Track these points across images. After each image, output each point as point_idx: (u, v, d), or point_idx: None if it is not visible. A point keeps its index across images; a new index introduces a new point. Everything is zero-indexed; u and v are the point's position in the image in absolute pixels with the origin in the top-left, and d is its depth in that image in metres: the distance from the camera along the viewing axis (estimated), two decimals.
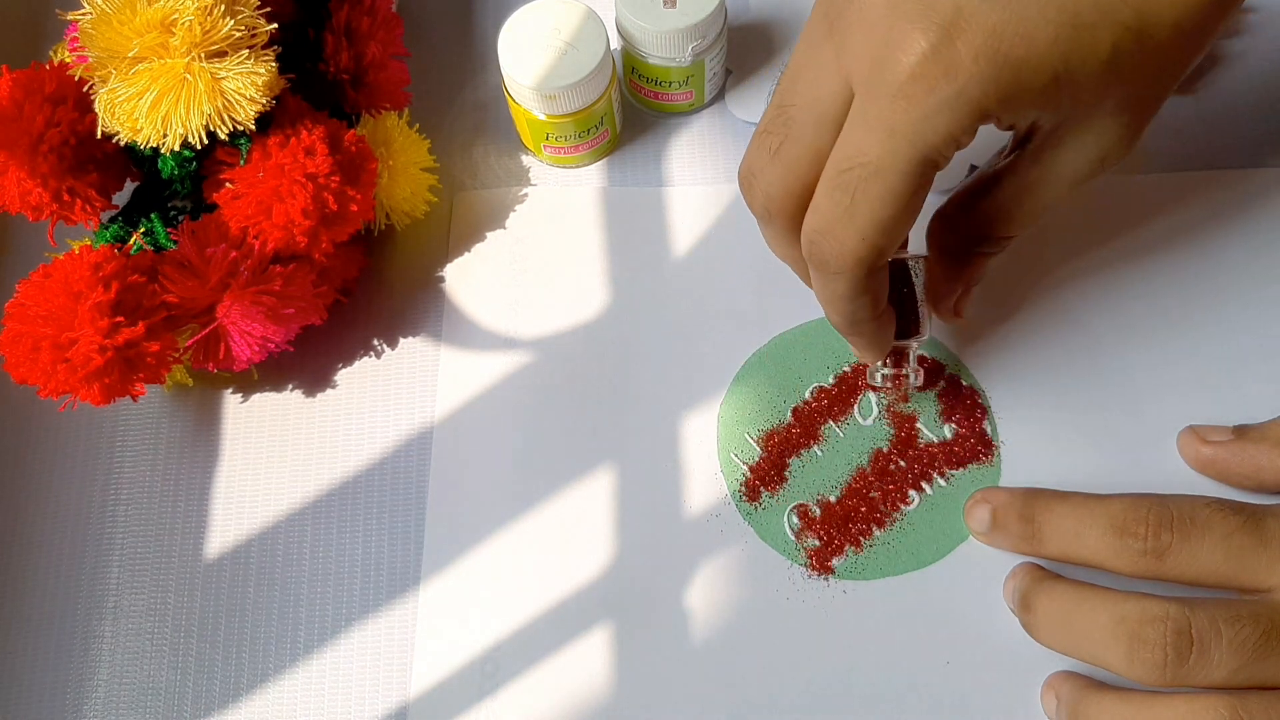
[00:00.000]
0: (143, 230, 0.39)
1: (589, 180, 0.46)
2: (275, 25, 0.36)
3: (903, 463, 0.40)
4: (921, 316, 0.37)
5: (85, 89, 0.37)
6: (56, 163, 0.38)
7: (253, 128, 0.36)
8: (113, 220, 0.40)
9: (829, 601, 0.38)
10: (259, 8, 0.36)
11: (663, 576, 0.39)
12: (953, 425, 0.40)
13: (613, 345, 0.43)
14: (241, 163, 0.38)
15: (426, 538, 0.40)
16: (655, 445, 0.41)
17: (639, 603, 0.38)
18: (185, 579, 0.40)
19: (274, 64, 0.36)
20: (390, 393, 0.43)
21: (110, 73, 0.35)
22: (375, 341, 0.44)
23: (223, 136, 0.36)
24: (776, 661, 0.37)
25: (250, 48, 0.36)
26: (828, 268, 0.31)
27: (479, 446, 0.41)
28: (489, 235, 0.45)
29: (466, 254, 0.45)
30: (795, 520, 0.39)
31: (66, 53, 0.39)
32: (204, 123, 0.35)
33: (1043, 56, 0.27)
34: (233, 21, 0.35)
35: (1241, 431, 0.38)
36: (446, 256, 0.45)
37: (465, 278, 0.44)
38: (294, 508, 0.41)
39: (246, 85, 0.35)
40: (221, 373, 0.43)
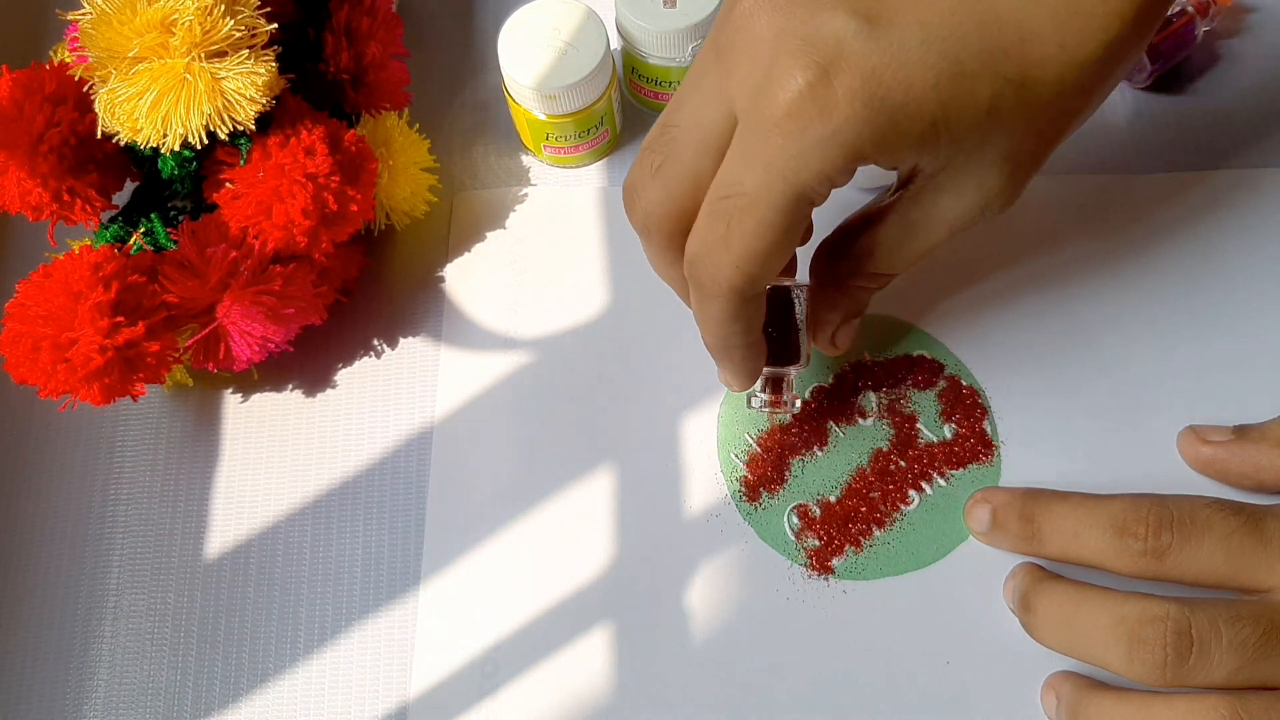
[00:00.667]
0: (143, 230, 0.39)
1: (589, 180, 0.46)
2: (275, 25, 0.36)
3: (903, 463, 0.40)
4: (801, 345, 0.37)
5: (85, 89, 0.37)
6: (56, 163, 0.38)
7: (253, 128, 0.36)
8: (113, 220, 0.40)
9: (829, 601, 0.38)
10: (259, 8, 0.36)
11: (663, 576, 0.39)
12: (953, 425, 0.40)
13: (613, 345, 0.43)
14: (241, 163, 0.38)
15: (426, 538, 0.40)
16: (655, 445, 0.41)
17: (639, 603, 0.38)
18: (185, 579, 0.40)
19: (274, 64, 0.36)
20: (390, 393, 0.43)
21: (110, 73, 0.35)
22: (375, 341, 0.44)
23: (223, 136, 0.36)
24: (776, 661, 0.37)
25: (250, 48, 0.36)
26: (704, 290, 0.31)
27: (479, 446, 0.41)
28: (489, 235, 0.45)
29: (466, 254, 0.45)
30: (795, 520, 0.39)
31: (66, 53, 0.39)
32: (204, 123, 0.35)
33: (921, 102, 0.27)
34: (233, 21, 0.35)
35: (1241, 431, 0.38)
36: (446, 256, 0.45)
37: (465, 278, 0.44)
38: (294, 508, 0.41)
39: (246, 85, 0.35)
40: (221, 373, 0.43)
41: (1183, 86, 0.46)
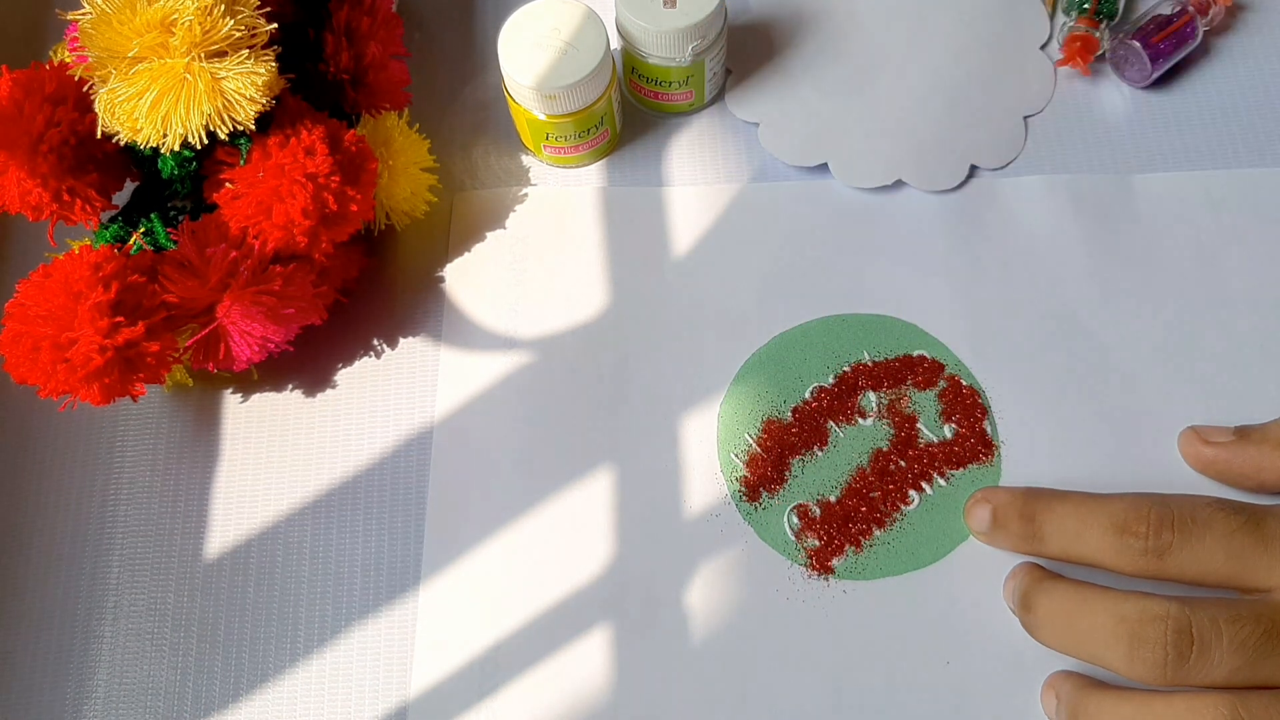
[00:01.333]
0: (142, 230, 0.39)
1: (589, 180, 0.46)
2: (275, 25, 0.36)
3: (903, 463, 0.40)
4: None
5: (85, 89, 0.37)
6: (56, 163, 0.38)
7: (253, 128, 0.36)
8: (113, 220, 0.40)
9: (829, 601, 0.38)
10: (259, 8, 0.36)
11: (663, 576, 0.39)
12: (953, 425, 0.40)
13: (613, 345, 0.43)
14: (241, 163, 0.38)
15: (426, 538, 0.40)
16: (655, 445, 0.41)
17: (639, 603, 0.38)
18: (185, 579, 0.40)
19: (274, 64, 0.36)
20: (390, 393, 0.43)
21: (110, 73, 0.35)
22: (375, 341, 0.44)
23: (223, 136, 0.36)
24: (776, 661, 0.37)
25: (250, 48, 0.36)
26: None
27: (479, 446, 0.41)
28: (489, 235, 0.45)
29: (466, 254, 0.45)
30: (795, 520, 0.39)
31: (66, 53, 0.39)
32: (204, 123, 0.35)
33: None
34: (232, 21, 0.35)
35: (1243, 432, 0.38)
36: (446, 256, 0.45)
37: (465, 278, 0.44)
38: (294, 508, 0.41)
39: (246, 85, 0.35)
40: (221, 373, 0.43)
41: (1183, 86, 0.46)
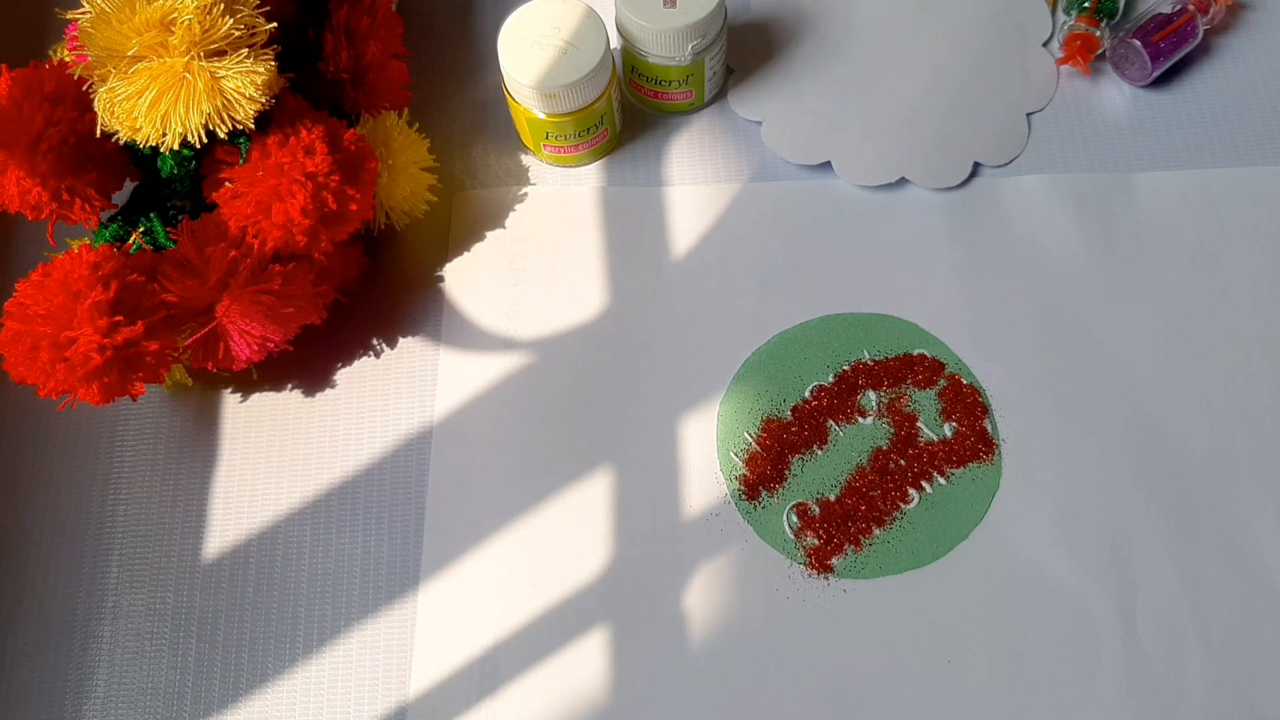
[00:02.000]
0: (142, 229, 0.39)
1: (589, 180, 0.46)
2: (275, 24, 0.36)
3: (902, 461, 0.40)
4: None
5: (85, 88, 0.37)
6: (56, 162, 0.38)
7: (252, 127, 0.36)
8: (112, 219, 0.40)
9: (829, 601, 0.38)
10: (258, 7, 0.36)
11: (662, 576, 0.39)
12: (953, 424, 0.40)
13: (613, 345, 0.42)
14: (241, 162, 0.38)
15: (426, 538, 0.40)
16: (655, 445, 0.41)
17: (639, 602, 0.38)
18: (185, 579, 0.40)
19: (273, 63, 0.36)
20: (390, 393, 0.42)
21: (109, 72, 0.35)
22: (375, 341, 0.43)
23: (222, 135, 0.36)
24: (776, 661, 0.37)
25: (249, 47, 0.36)
26: None
27: (478, 446, 0.41)
28: (489, 235, 0.45)
29: (466, 254, 0.45)
30: (795, 519, 0.39)
31: (66, 52, 0.39)
32: (203, 122, 0.35)
33: None
34: (232, 20, 0.35)
35: None
36: (446, 256, 0.45)
37: (465, 277, 0.44)
38: (293, 508, 0.41)
39: (246, 84, 0.35)
40: (221, 372, 0.43)
41: (1183, 85, 0.46)
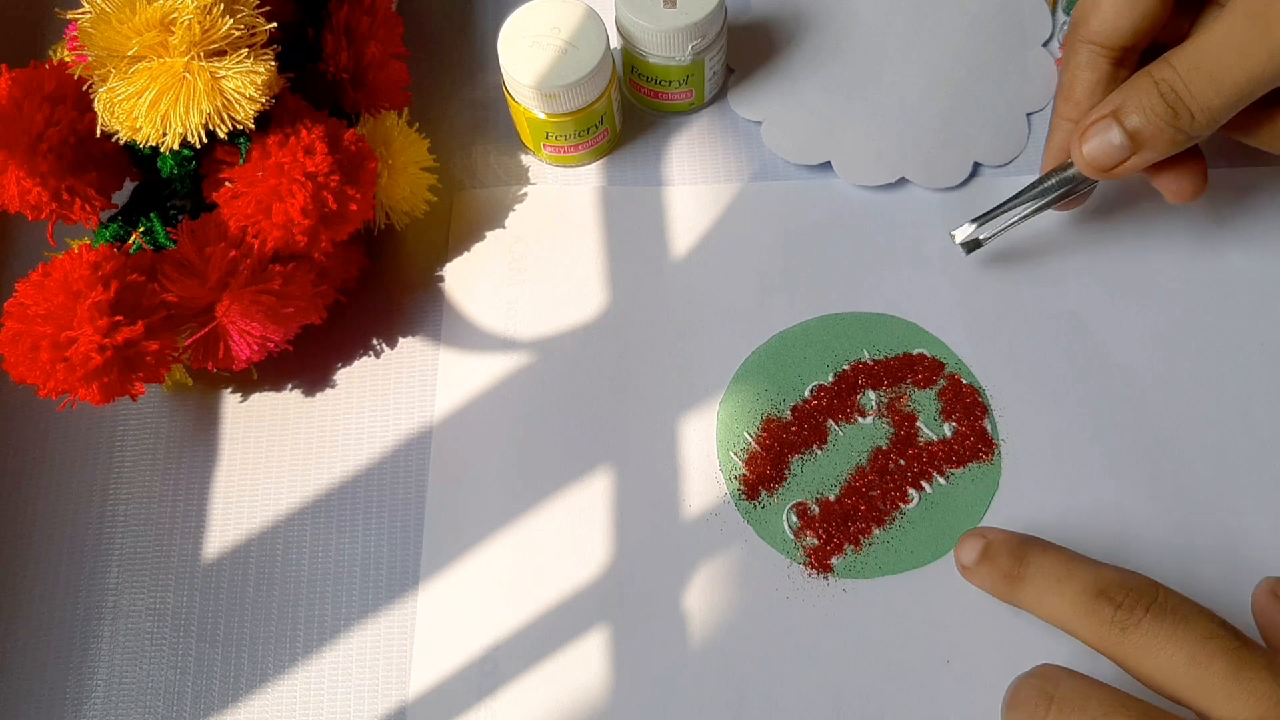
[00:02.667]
0: (142, 229, 0.39)
1: (589, 180, 0.46)
2: (275, 24, 0.36)
3: (902, 461, 0.40)
4: None
5: (85, 88, 0.37)
6: (56, 162, 0.38)
7: (252, 127, 0.36)
8: (112, 219, 0.40)
9: (829, 601, 0.38)
10: (258, 7, 0.36)
11: (662, 576, 0.39)
12: (953, 424, 0.40)
13: (613, 345, 0.43)
14: (241, 162, 0.38)
15: (426, 538, 0.40)
16: (655, 445, 0.41)
17: (638, 602, 0.38)
18: (185, 579, 0.40)
19: (273, 63, 0.36)
20: (390, 393, 0.42)
21: (109, 72, 0.35)
22: (375, 341, 0.43)
23: (222, 135, 0.36)
24: (776, 661, 0.37)
25: (249, 47, 0.36)
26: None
27: (478, 446, 0.41)
28: (488, 235, 0.45)
29: (466, 254, 0.45)
30: (794, 519, 0.39)
31: (66, 52, 0.39)
32: (203, 122, 0.35)
33: None
34: (232, 20, 0.35)
35: None
36: (446, 256, 0.45)
37: (465, 277, 0.44)
38: (294, 508, 0.41)
39: (246, 84, 0.35)
40: (221, 372, 0.43)
41: None
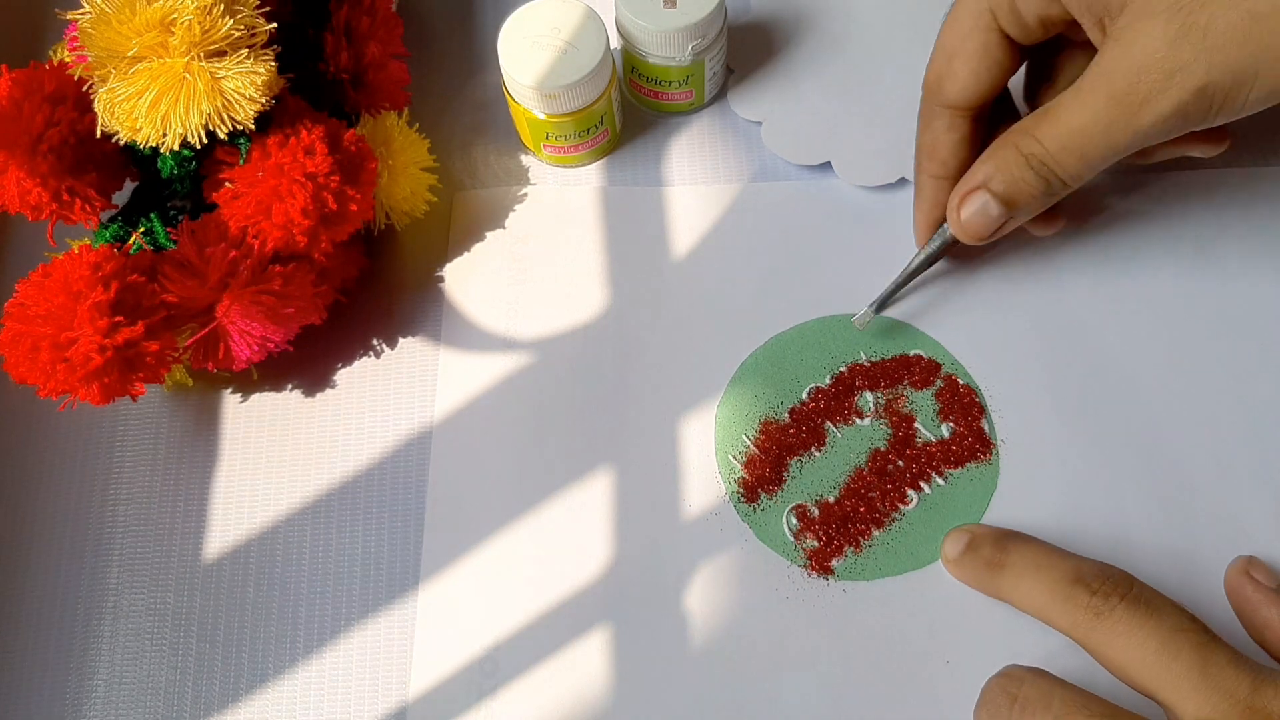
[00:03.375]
0: (142, 230, 0.39)
1: (589, 180, 0.46)
2: (275, 25, 0.36)
3: (900, 463, 0.40)
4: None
5: (85, 88, 0.37)
6: (56, 162, 0.38)
7: (252, 127, 0.36)
8: (112, 220, 0.40)
9: (829, 601, 0.38)
10: (259, 7, 0.36)
11: (662, 577, 0.39)
12: (950, 424, 0.40)
13: (612, 345, 0.43)
14: (241, 162, 0.38)
15: (426, 538, 0.40)
16: (654, 445, 0.41)
17: (638, 603, 0.38)
18: (185, 579, 0.40)
19: (273, 63, 0.36)
20: (390, 393, 0.43)
21: (109, 72, 0.35)
22: (375, 341, 0.44)
23: (222, 136, 0.36)
24: (776, 661, 0.37)
25: (250, 47, 0.36)
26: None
27: (478, 446, 0.41)
28: (488, 235, 0.45)
29: (466, 254, 0.45)
30: (794, 521, 0.39)
31: (66, 52, 0.39)
32: (203, 122, 0.35)
33: None
34: (232, 21, 0.35)
35: None
36: (446, 256, 0.45)
37: (465, 278, 0.44)
38: (293, 508, 0.41)
39: (246, 85, 0.35)
40: (221, 373, 0.43)
41: None
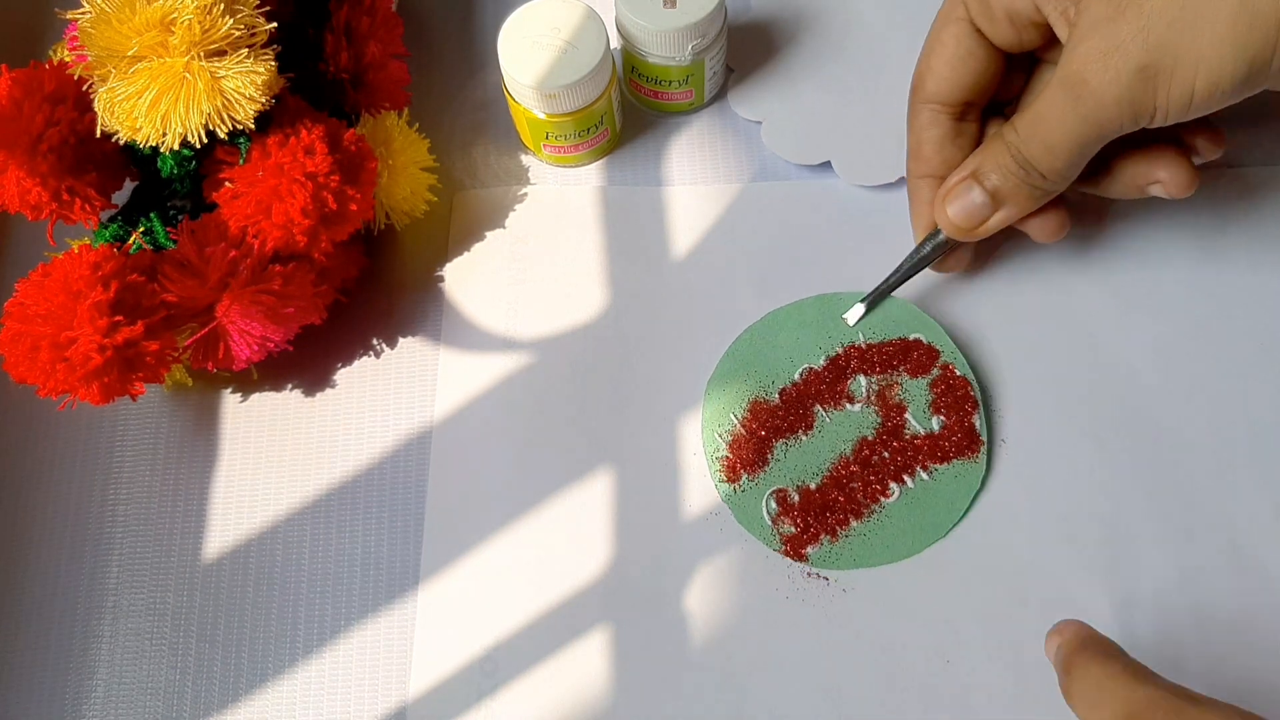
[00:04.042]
0: (142, 229, 0.39)
1: (589, 180, 0.46)
2: (275, 24, 0.36)
3: (886, 454, 0.39)
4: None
5: (85, 88, 0.37)
6: (56, 162, 0.38)
7: (252, 127, 0.36)
8: (112, 219, 0.40)
9: (829, 601, 0.38)
10: (259, 7, 0.36)
11: (661, 575, 0.39)
12: (941, 418, 0.40)
13: (612, 345, 0.42)
14: (241, 162, 0.38)
15: (425, 538, 0.40)
16: (654, 444, 0.41)
17: (638, 601, 0.38)
18: (185, 579, 0.40)
19: (273, 63, 0.36)
20: (389, 393, 0.42)
21: (110, 72, 0.35)
22: (375, 341, 0.43)
23: (222, 136, 0.36)
24: (777, 661, 0.37)
25: (249, 47, 0.36)
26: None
27: (478, 446, 0.41)
28: (488, 235, 0.45)
29: (466, 254, 0.45)
30: (774, 506, 0.39)
31: (66, 52, 0.39)
32: (203, 122, 0.35)
33: None
34: (232, 20, 0.35)
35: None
36: (446, 256, 0.45)
37: (465, 277, 0.44)
38: (293, 508, 0.41)
39: (246, 84, 0.35)
40: (221, 372, 0.43)
41: None
